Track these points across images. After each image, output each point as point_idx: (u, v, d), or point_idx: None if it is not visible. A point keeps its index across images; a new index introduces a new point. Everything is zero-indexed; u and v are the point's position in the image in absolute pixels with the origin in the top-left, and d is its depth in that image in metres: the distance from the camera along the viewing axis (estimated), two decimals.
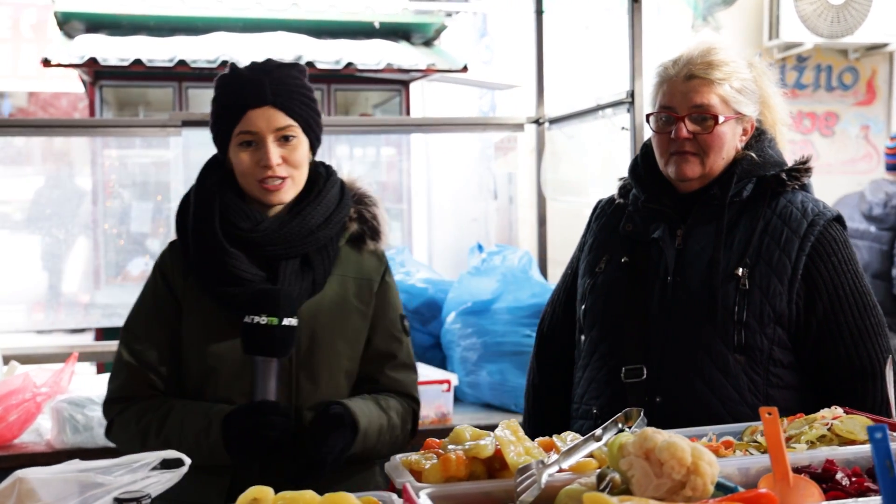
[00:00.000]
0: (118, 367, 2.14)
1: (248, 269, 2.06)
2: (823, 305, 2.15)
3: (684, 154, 2.20)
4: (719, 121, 2.18)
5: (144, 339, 2.11)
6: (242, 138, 2.06)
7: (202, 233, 2.08)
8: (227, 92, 2.08)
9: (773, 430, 1.43)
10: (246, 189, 2.12)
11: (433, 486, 1.56)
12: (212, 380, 2.10)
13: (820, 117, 6.77)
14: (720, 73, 2.20)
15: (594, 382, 2.31)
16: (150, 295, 2.16)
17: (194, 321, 2.11)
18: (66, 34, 5.88)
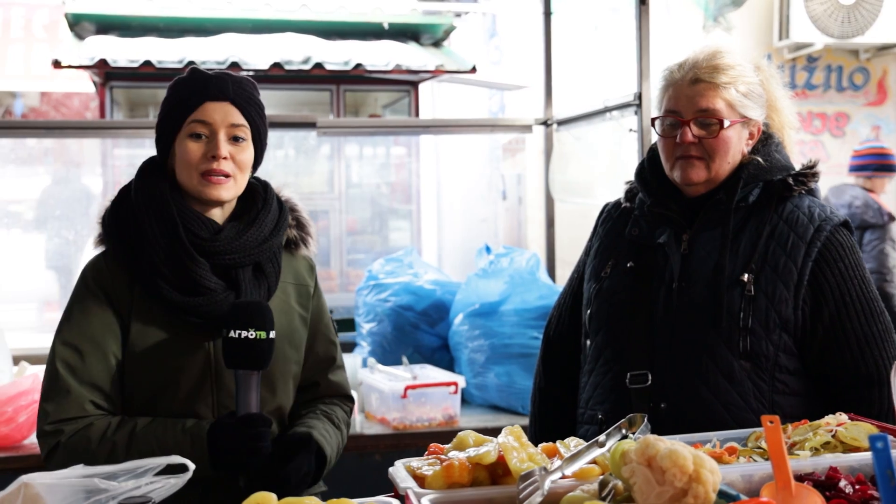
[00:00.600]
0: (56, 387, 1.99)
1: (210, 279, 2.04)
2: (830, 311, 2.14)
3: (690, 158, 2.20)
4: (724, 125, 2.17)
5: (87, 357, 2.01)
6: (194, 129, 2.03)
7: (167, 241, 2.02)
8: (187, 85, 2.06)
9: (775, 438, 1.42)
10: (185, 184, 2.06)
11: (436, 492, 1.56)
12: (169, 393, 2.04)
13: (830, 118, 6.74)
14: (726, 77, 2.19)
15: (599, 387, 2.30)
16: (88, 309, 2.03)
17: (145, 334, 2.04)
18: (76, 35, 5.90)
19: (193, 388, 2.05)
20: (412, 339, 4.03)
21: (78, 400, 1.98)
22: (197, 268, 2.03)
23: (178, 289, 2.02)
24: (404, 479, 1.64)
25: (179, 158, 2.05)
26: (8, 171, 6.78)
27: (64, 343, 2.02)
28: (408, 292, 4.09)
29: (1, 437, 3.33)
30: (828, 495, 1.51)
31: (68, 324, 2.04)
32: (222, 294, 2.05)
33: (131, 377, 2.04)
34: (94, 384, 2.00)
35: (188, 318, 2.03)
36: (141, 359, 2.03)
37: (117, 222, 2.08)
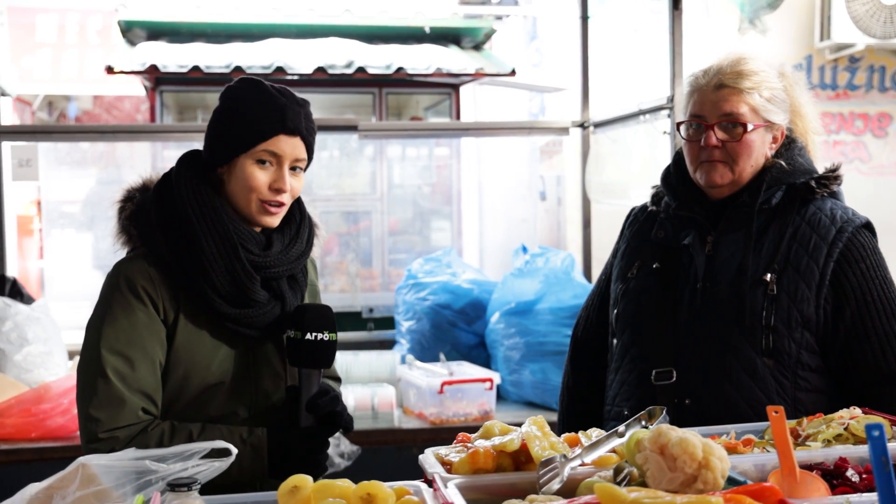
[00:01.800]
0: (108, 395, 2.00)
1: (261, 292, 2.12)
2: (851, 311, 2.20)
3: (714, 162, 2.27)
4: (748, 129, 2.24)
5: (137, 364, 2.03)
6: (263, 157, 2.07)
7: (226, 260, 2.06)
8: (263, 112, 2.08)
9: (780, 428, 1.50)
10: (241, 204, 2.11)
11: (461, 476, 1.66)
12: (213, 397, 2.12)
13: (873, 118, 6.71)
14: (750, 83, 2.26)
15: (625, 385, 2.38)
16: (134, 315, 2.04)
17: (192, 341, 2.09)
18: (128, 42, 6.09)
19: (234, 392, 2.14)
20: (450, 336, 4.13)
21: (131, 408, 2.01)
22: (253, 284, 2.09)
23: (230, 302, 2.08)
24: (433, 465, 1.74)
25: (240, 180, 2.08)
26: (62, 173, 6.99)
27: (112, 351, 2.02)
28: (446, 291, 4.19)
29: (58, 427, 3.49)
30: (835, 483, 1.59)
31: (113, 330, 2.03)
32: (269, 305, 2.13)
33: (175, 382, 2.09)
34: (143, 391, 2.03)
35: (239, 328, 2.11)
36: (187, 365, 2.09)
37: (165, 230, 2.08)
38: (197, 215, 2.06)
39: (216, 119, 2.12)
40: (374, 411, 3.58)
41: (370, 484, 1.56)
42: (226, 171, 2.11)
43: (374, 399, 3.59)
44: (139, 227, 2.12)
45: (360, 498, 1.54)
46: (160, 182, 2.15)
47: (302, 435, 2.08)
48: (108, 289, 2.08)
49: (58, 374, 3.69)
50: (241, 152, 2.07)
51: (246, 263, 2.08)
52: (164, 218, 2.09)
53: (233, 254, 2.06)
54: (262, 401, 2.17)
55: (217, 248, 2.06)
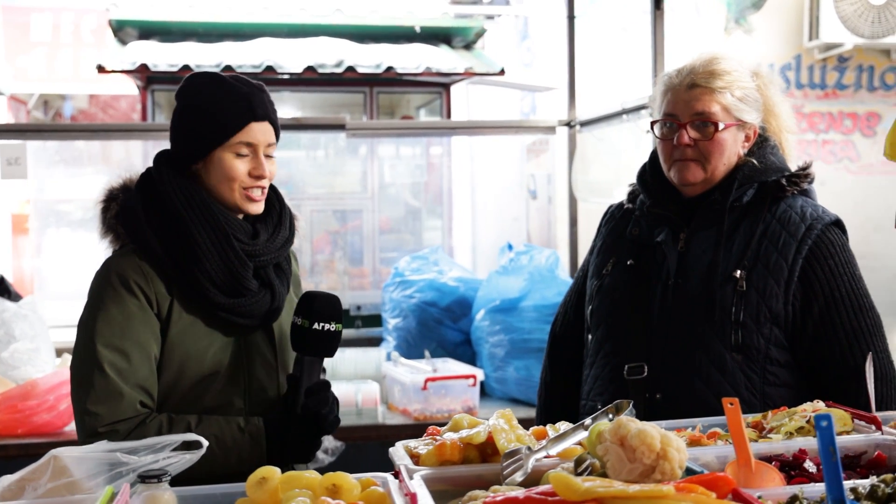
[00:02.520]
0: (107, 390, 2.03)
1: (252, 281, 2.17)
2: (819, 306, 2.23)
3: (686, 161, 2.30)
4: (719, 128, 2.27)
5: (133, 359, 2.06)
6: (239, 149, 2.13)
7: (219, 249, 2.11)
8: (231, 102, 2.12)
9: (735, 419, 1.53)
10: (224, 195, 2.15)
11: (427, 468, 1.69)
12: (209, 388, 2.15)
13: (861, 117, 6.73)
14: (722, 82, 2.29)
15: (599, 380, 2.41)
16: (128, 310, 2.07)
17: (186, 334, 2.13)
18: (119, 41, 6.11)
19: (229, 382, 2.18)
20: (436, 334, 4.16)
21: (130, 401, 2.04)
22: (247, 272, 2.14)
23: (224, 291, 2.12)
24: (400, 457, 1.77)
25: (220, 172, 2.13)
26: (56, 172, 7.01)
27: (108, 346, 2.04)
28: (432, 289, 4.22)
29: (44, 423, 3.52)
30: (793, 474, 1.62)
31: (108, 325, 2.05)
32: (259, 294, 2.18)
33: (171, 374, 2.12)
34: (140, 385, 2.06)
35: (232, 318, 2.15)
36: (182, 357, 2.12)
37: (154, 226, 2.11)
38: (186, 208, 2.10)
39: (182, 117, 2.17)
40: (358, 408, 3.61)
41: (335, 475, 1.59)
42: (202, 166, 2.15)
43: (359, 396, 3.62)
44: (126, 225, 2.15)
45: (325, 489, 1.57)
46: (142, 180, 2.19)
47: (299, 421, 2.12)
48: (100, 285, 2.11)
49: (44, 371, 3.72)
50: (215, 146, 2.12)
51: (239, 251, 2.13)
52: (152, 214, 2.12)
53: (226, 243, 2.11)
54: (256, 390, 2.21)
55: (209, 239, 2.10)
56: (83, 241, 7.08)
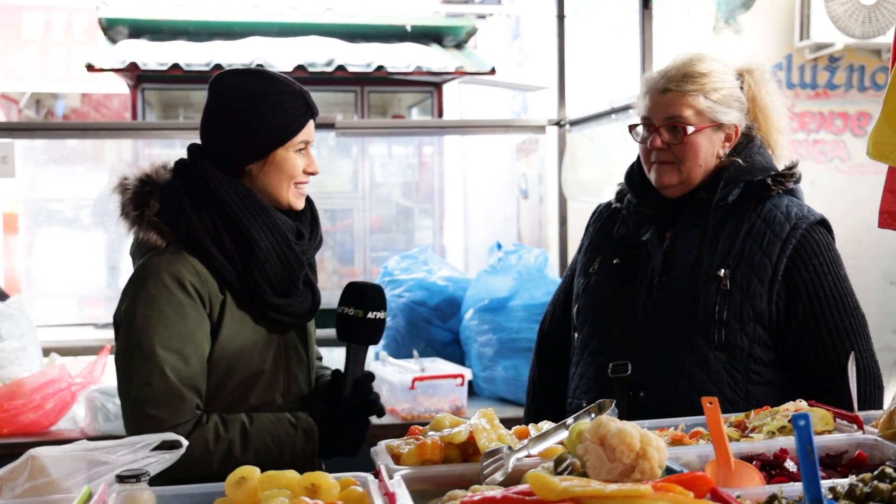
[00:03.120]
0: (168, 393, 2.01)
1: (301, 280, 2.21)
2: (804, 306, 2.23)
3: (662, 163, 2.32)
4: (688, 131, 2.27)
5: (190, 360, 2.05)
6: (300, 145, 2.16)
7: (278, 250, 2.12)
8: (289, 100, 2.14)
9: (715, 419, 1.52)
10: (277, 193, 2.16)
11: (408, 468, 1.68)
12: (254, 387, 2.16)
13: (852, 117, 6.74)
14: (693, 86, 2.29)
15: (584, 378, 2.41)
16: (184, 311, 2.05)
17: (236, 334, 2.13)
18: (109, 39, 6.11)
19: (271, 380, 2.19)
20: (425, 333, 4.15)
21: (189, 404, 2.03)
22: (301, 272, 2.18)
23: (276, 292, 2.14)
24: (383, 457, 1.77)
25: (280, 170, 2.14)
26: (48, 171, 6.99)
27: (167, 347, 2.02)
28: (421, 288, 4.21)
29: (30, 423, 3.50)
30: (773, 473, 1.62)
31: (164, 327, 2.02)
32: (304, 293, 2.22)
33: (220, 373, 2.12)
34: (196, 387, 2.06)
35: (281, 317, 2.17)
36: (231, 357, 2.12)
37: (207, 226, 2.09)
38: (242, 210, 2.10)
39: (236, 118, 2.13)
40: None
41: (314, 474, 1.58)
42: (258, 165, 2.15)
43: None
44: (174, 224, 2.10)
45: (304, 488, 1.56)
46: (184, 178, 2.14)
47: (347, 413, 2.17)
48: (154, 285, 2.06)
49: (31, 370, 3.70)
50: (278, 146, 2.14)
51: (297, 253, 2.16)
52: (203, 213, 2.10)
53: (285, 244, 2.13)
54: (293, 387, 2.24)
55: (268, 240, 2.11)
56: (74, 241, 7.06)
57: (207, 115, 2.18)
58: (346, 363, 2.20)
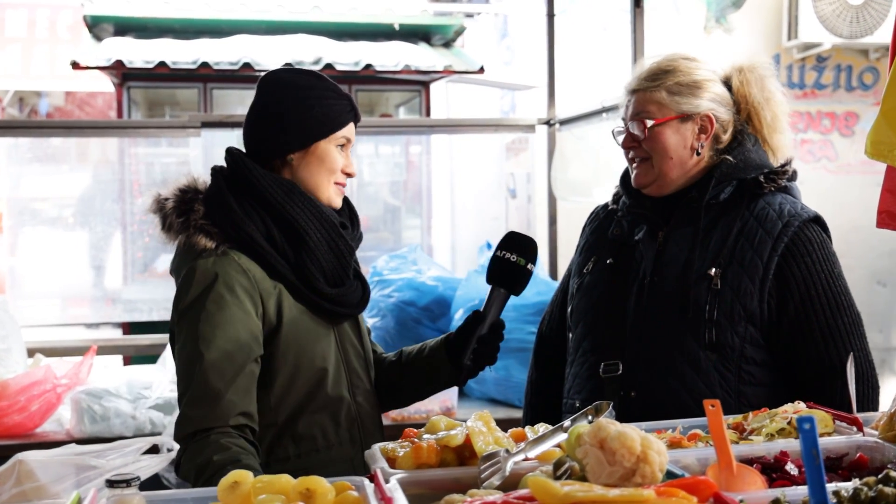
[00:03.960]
0: (202, 393, 2.00)
1: (351, 269, 2.26)
2: (795, 305, 2.21)
3: (637, 162, 2.33)
4: (647, 124, 2.28)
5: (238, 364, 2.03)
6: (341, 141, 2.21)
7: (329, 242, 2.16)
8: (335, 97, 2.20)
9: (717, 421, 1.50)
10: (318, 188, 2.20)
11: (404, 471, 1.65)
12: (324, 381, 2.17)
13: (840, 117, 6.76)
14: (654, 82, 2.31)
15: (578, 377, 2.40)
16: (233, 314, 2.04)
17: (295, 332, 2.14)
18: (95, 37, 6.05)
19: (335, 375, 2.20)
20: (414, 333, 4.11)
21: (225, 409, 2.00)
22: (352, 261, 2.24)
23: (329, 282, 2.18)
24: (376, 460, 1.74)
25: (321, 163, 2.19)
26: (31, 170, 6.93)
27: (214, 350, 2.01)
28: (410, 288, 4.18)
29: (15, 425, 3.45)
30: (774, 476, 1.59)
31: (212, 328, 2.02)
32: (353, 283, 2.26)
33: (287, 372, 2.12)
34: (241, 390, 2.03)
35: (336, 308, 2.20)
36: (296, 353, 2.13)
37: (256, 222, 2.11)
38: (289, 202, 2.13)
39: (286, 107, 2.18)
40: None
41: (309, 479, 1.55)
42: (298, 157, 2.19)
43: None
44: (221, 225, 2.12)
45: (299, 493, 1.53)
46: (226, 180, 2.17)
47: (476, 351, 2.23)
48: (203, 287, 2.06)
49: (16, 372, 3.65)
50: (322, 137, 2.18)
51: (349, 242, 2.21)
52: (251, 210, 2.13)
53: (334, 232, 2.17)
54: (356, 381, 2.26)
55: (318, 230, 2.15)
56: (58, 240, 6.99)
57: (254, 108, 2.24)
58: (488, 306, 2.24)
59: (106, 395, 3.39)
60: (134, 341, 4.63)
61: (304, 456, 2.16)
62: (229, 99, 6.60)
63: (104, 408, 3.37)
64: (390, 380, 2.41)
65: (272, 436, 2.14)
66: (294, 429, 2.15)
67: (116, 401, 3.39)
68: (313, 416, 2.17)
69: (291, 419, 2.15)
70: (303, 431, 2.16)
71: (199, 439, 1.99)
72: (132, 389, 3.46)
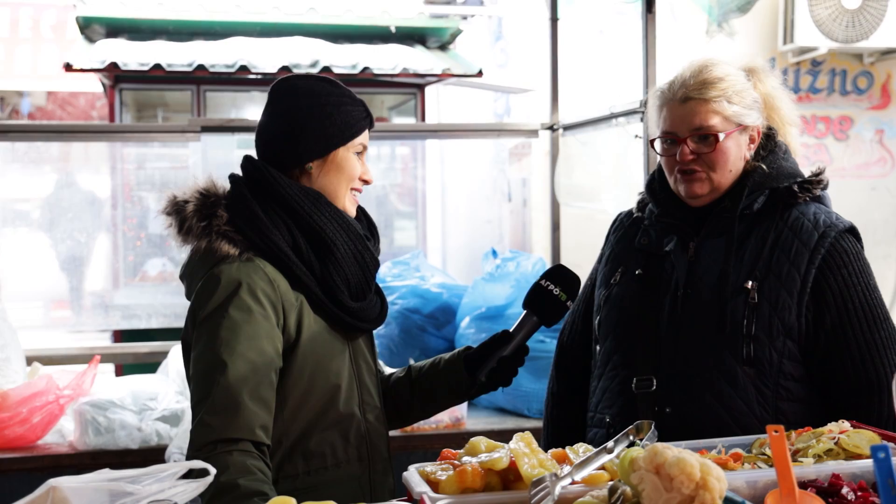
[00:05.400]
0: (223, 402, 1.93)
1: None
2: (832, 318, 2.17)
3: (691, 173, 2.24)
4: (720, 138, 2.21)
5: (260, 373, 1.98)
6: (358, 148, 2.18)
7: (355, 253, 2.13)
8: (351, 104, 2.17)
9: (780, 447, 1.47)
10: (336, 196, 2.16)
11: (450, 496, 1.61)
12: (339, 396, 2.12)
13: (834, 121, 6.78)
14: (715, 91, 2.22)
15: (608, 392, 2.35)
16: (256, 322, 1.99)
17: (315, 337, 2.10)
18: (87, 38, 5.96)
19: (347, 392, 2.14)
20: (419, 341, 4.07)
21: (245, 419, 1.93)
22: (375, 273, 2.21)
23: (352, 296, 2.14)
24: (418, 484, 1.69)
25: (340, 170, 2.15)
26: (14, 170, 6.82)
27: (238, 357, 1.95)
28: (415, 295, 4.14)
29: (16, 437, 3.38)
30: (830, 502, 1.56)
31: (235, 335, 1.97)
32: (373, 297, 2.22)
33: (303, 385, 2.07)
34: (265, 401, 1.98)
35: (357, 322, 2.15)
36: (313, 367, 2.08)
37: (282, 230, 2.08)
38: (316, 212, 2.10)
39: (304, 114, 2.14)
40: None
41: None
42: (318, 164, 2.15)
43: None
44: (245, 232, 2.07)
45: None
46: (249, 187, 2.12)
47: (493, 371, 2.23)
48: (226, 294, 2.01)
49: (16, 382, 3.57)
50: (341, 144, 2.14)
51: (373, 253, 2.19)
52: (276, 218, 2.09)
53: (361, 245, 2.15)
54: (366, 398, 2.21)
55: (344, 241, 2.12)
56: (42, 242, 6.89)
57: (270, 116, 2.19)
58: (518, 329, 2.23)
59: (111, 406, 3.33)
60: (133, 349, 4.55)
61: (314, 473, 2.10)
62: (223, 101, 6.52)
63: (109, 419, 3.30)
64: (400, 397, 2.37)
65: (283, 452, 2.08)
66: (306, 446, 2.09)
67: (122, 412, 3.33)
68: (324, 433, 2.11)
69: (304, 436, 2.09)
70: (314, 449, 2.10)
71: (222, 452, 1.90)
72: (137, 400, 3.39)
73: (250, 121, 4.21)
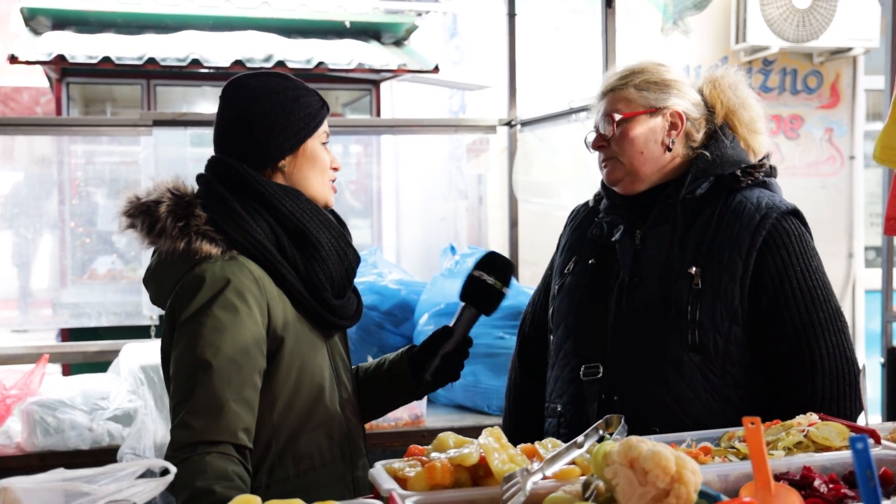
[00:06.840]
0: (206, 403, 1.89)
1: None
2: (768, 299, 2.15)
3: (606, 161, 2.31)
4: (615, 118, 2.26)
5: (244, 374, 1.94)
6: (323, 138, 2.15)
7: (337, 248, 2.10)
8: (307, 95, 2.14)
9: (756, 438, 1.45)
10: (315, 189, 2.13)
11: (419, 493, 1.57)
12: (322, 396, 2.09)
13: (785, 120, 6.86)
14: (622, 81, 2.31)
15: (559, 381, 2.35)
16: (241, 322, 1.95)
17: (299, 337, 2.07)
18: (32, 30, 5.81)
19: (329, 390, 2.12)
20: (377, 338, 4.03)
21: (228, 421, 1.90)
22: (356, 269, 2.18)
23: (334, 293, 2.11)
24: (386, 481, 1.65)
25: (313, 162, 2.12)
26: None
27: (222, 357, 1.92)
28: (372, 292, 4.09)
29: None
30: (803, 494, 1.55)
31: (220, 335, 1.92)
32: (349, 294, 2.19)
33: (290, 387, 2.04)
34: (249, 403, 1.94)
35: (338, 320, 2.13)
36: (299, 367, 2.05)
37: (265, 229, 2.03)
38: (297, 209, 2.07)
39: (269, 114, 2.09)
40: None
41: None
42: (290, 160, 2.11)
43: None
44: (227, 231, 2.01)
45: None
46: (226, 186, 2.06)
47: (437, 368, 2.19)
48: (212, 293, 1.96)
49: None
50: (308, 136, 2.11)
51: (355, 250, 2.17)
52: (258, 217, 2.04)
53: (343, 242, 2.13)
54: (344, 395, 2.17)
55: (328, 238, 2.09)
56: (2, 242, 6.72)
57: (230, 119, 2.11)
58: (457, 323, 2.21)
59: (60, 406, 3.23)
60: (82, 348, 4.44)
61: (303, 475, 2.06)
62: (174, 96, 6.41)
63: (58, 420, 3.21)
64: None
65: (274, 455, 2.03)
66: (295, 447, 2.06)
67: (72, 412, 3.23)
68: (312, 433, 2.08)
69: (293, 437, 2.05)
70: (303, 450, 2.07)
71: (201, 454, 1.86)
72: (88, 400, 3.30)
73: (204, 115, 4.13)
